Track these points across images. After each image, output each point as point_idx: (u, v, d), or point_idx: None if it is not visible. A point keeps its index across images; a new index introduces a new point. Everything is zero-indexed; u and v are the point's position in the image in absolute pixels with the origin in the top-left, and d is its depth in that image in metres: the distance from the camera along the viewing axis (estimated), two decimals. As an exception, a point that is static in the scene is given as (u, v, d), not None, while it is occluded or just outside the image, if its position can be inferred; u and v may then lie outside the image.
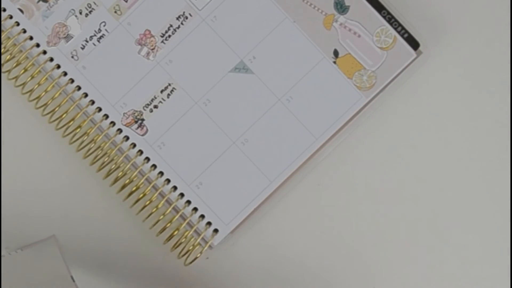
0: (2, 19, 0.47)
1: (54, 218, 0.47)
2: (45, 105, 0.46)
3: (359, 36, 0.46)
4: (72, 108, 0.46)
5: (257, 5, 0.46)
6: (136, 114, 0.46)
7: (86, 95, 0.46)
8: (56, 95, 0.46)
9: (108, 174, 0.46)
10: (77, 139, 0.46)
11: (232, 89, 0.46)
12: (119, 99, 0.46)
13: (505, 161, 0.48)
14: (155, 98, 0.46)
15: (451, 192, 0.48)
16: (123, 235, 0.48)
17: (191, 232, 0.46)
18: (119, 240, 0.48)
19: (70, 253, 0.47)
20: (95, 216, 0.47)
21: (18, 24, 0.47)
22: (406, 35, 0.46)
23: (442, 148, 0.48)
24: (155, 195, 0.46)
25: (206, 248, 0.46)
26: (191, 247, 0.46)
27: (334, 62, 0.46)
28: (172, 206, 0.46)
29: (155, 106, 0.46)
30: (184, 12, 0.47)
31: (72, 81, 0.47)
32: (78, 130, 0.46)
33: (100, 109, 0.46)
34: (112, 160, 0.46)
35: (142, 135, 0.46)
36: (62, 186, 0.48)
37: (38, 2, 0.47)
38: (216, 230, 0.46)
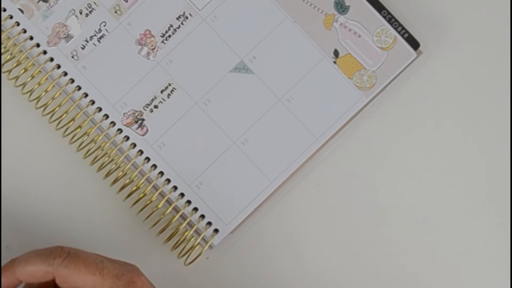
0: (2, 19, 0.47)
1: (54, 217, 0.47)
2: (45, 105, 0.46)
3: (359, 36, 0.46)
4: (72, 108, 0.46)
5: (258, 5, 0.46)
6: (136, 114, 0.46)
7: (86, 95, 0.46)
8: (56, 95, 0.46)
9: (108, 174, 0.46)
10: (77, 139, 0.46)
11: (232, 89, 0.46)
12: (119, 99, 0.46)
13: (505, 161, 0.48)
14: (155, 98, 0.46)
15: (452, 192, 0.48)
16: (123, 235, 0.47)
17: (191, 232, 0.46)
18: (119, 240, 0.48)
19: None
20: (95, 215, 0.47)
21: (18, 24, 0.47)
22: (406, 35, 0.46)
23: (442, 148, 0.48)
24: (155, 195, 0.46)
25: (206, 248, 0.46)
26: (191, 247, 0.46)
27: (334, 62, 0.46)
28: (172, 206, 0.46)
29: (155, 106, 0.46)
30: (184, 12, 0.47)
31: (72, 81, 0.47)
32: (78, 130, 0.46)
33: (100, 109, 0.46)
34: (112, 160, 0.46)
35: (142, 135, 0.46)
36: (62, 186, 0.48)
37: (38, 2, 0.47)
38: (216, 230, 0.46)
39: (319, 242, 0.47)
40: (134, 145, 0.46)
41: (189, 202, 0.46)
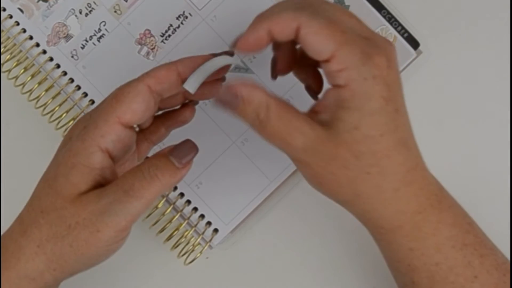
0: (2, 18, 0.47)
1: (53, 218, 0.47)
2: (45, 104, 0.46)
3: (359, 35, 0.46)
4: (72, 107, 0.46)
5: (257, 5, 0.46)
6: (136, 113, 0.46)
7: (86, 94, 0.46)
8: (56, 95, 0.46)
9: (108, 174, 0.46)
10: (77, 139, 0.46)
11: (232, 88, 0.46)
12: (119, 98, 0.46)
13: (505, 160, 0.48)
14: (155, 97, 0.46)
15: (452, 192, 0.48)
16: (123, 235, 0.47)
17: (191, 232, 0.46)
18: (119, 240, 0.47)
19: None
20: (95, 216, 0.47)
21: (18, 23, 0.47)
22: (406, 35, 0.46)
23: (442, 148, 0.48)
24: (155, 194, 0.46)
25: (206, 248, 0.46)
26: (191, 247, 0.46)
27: (334, 62, 0.46)
28: (172, 205, 0.46)
29: (155, 106, 0.46)
30: (184, 12, 0.47)
31: (72, 80, 0.47)
32: (78, 129, 0.46)
33: (100, 109, 0.46)
34: (112, 159, 0.46)
35: (142, 134, 0.46)
36: (62, 186, 0.47)
37: (38, 1, 0.47)
38: (216, 230, 0.46)
39: (319, 241, 0.47)
40: (134, 145, 0.46)
41: (189, 201, 0.46)
